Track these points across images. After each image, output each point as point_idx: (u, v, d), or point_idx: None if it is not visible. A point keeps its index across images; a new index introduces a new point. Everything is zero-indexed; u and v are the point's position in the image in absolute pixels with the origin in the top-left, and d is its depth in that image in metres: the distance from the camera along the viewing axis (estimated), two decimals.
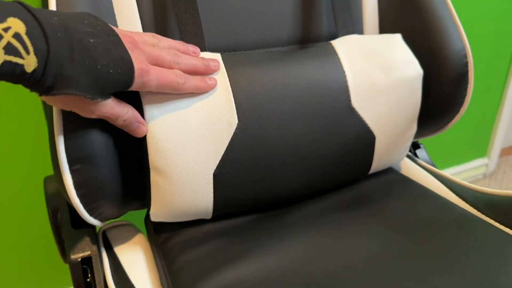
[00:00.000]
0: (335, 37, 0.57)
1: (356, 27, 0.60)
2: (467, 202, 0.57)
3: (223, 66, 0.49)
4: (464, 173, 1.43)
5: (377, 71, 0.53)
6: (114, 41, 0.38)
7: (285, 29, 0.57)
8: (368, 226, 0.52)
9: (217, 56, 0.50)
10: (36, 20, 0.33)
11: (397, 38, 0.57)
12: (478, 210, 0.55)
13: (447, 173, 1.12)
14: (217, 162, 0.48)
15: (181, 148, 0.46)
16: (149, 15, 0.51)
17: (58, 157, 0.42)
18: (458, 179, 0.61)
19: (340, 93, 0.52)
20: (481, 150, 1.44)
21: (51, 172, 0.73)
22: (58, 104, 0.40)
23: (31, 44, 0.32)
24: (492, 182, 1.47)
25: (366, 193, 0.58)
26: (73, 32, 0.35)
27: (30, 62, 0.33)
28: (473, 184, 0.56)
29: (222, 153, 0.48)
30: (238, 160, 0.49)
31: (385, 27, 0.61)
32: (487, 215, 0.54)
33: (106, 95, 0.39)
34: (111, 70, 0.38)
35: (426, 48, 0.58)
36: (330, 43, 0.55)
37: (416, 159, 0.67)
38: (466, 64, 0.57)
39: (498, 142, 1.42)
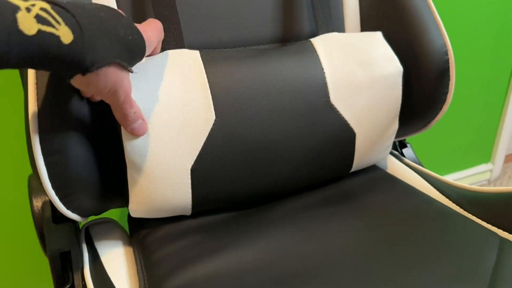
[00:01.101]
0: (315, 35, 0.57)
1: (336, 26, 0.61)
2: (450, 199, 0.56)
3: (201, 63, 0.49)
4: (469, 178, 1.41)
5: (356, 68, 0.54)
6: (116, 13, 0.40)
7: (266, 27, 0.57)
8: (347, 221, 0.52)
9: (196, 53, 0.50)
10: (54, 3, 0.34)
11: (378, 36, 0.57)
12: (461, 207, 0.55)
13: (451, 178, 1.11)
14: (195, 158, 0.48)
15: (158, 143, 0.46)
16: (128, 12, 0.52)
17: (33, 149, 0.43)
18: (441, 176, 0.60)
19: (319, 90, 0.52)
20: (485, 156, 1.42)
21: None
22: (100, 82, 0.38)
23: (59, 17, 0.33)
24: None
25: (348, 189, 0.58)
26: (86, 8, 0.36)
27: (64, 33, 0.33)
28: None
29: (200, 148, 0.48)
30: (216, 155, 0.49)
31: (366, 25, 0.62)
32: (469, 211, 0.54)
33: (132, 66, 0.41)
34: (130, 37, 0.39)
35: (406, 45, 0.58)
36: (310, 41, 0.55)
37: (402, 157, 0.67)
38: (447, 61, 0.57)
39: (502, 148, 1.41)
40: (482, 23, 1.15)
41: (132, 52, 0.40)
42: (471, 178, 1.42)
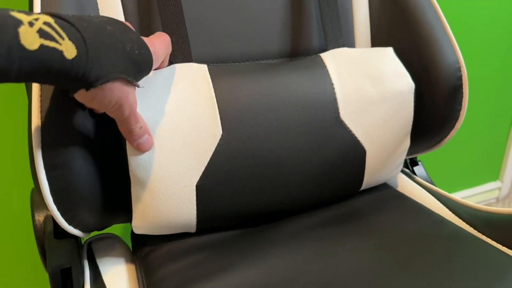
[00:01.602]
0: (325, 50, 0.56)
1: (346, 41, 0.60)
2: (463, 220, 0.55)
3: (209, 77, 0.48)
4: (477, 196, 1.39)
5: (367, 84, 0.53)
6: (123, 26, 0.39)
7: (274, 42, 0.56)
8: (356, 241, 0.50)
9: (203, 67, 0.49)
10: (58, 17, 0.33)
11: (389, 51, 0.56)
12: (475, 228, 0.53)
13: (459, 196, 1.07)
14: (200, 173, 0.47)
15: (163, 158, 0.45)
16: (135, 25, 0.51)
17: (35, 163, 0.42)
18: (455, 197, 0.58)
19: (328, 105, 0.51)
20: (494, 173, 1.40)
21: None
22: (105, 97, 0.37)
23: (63, 31, 0.32)
24: (505, 207, 1.42)
25: (358, 208, 0.56)
26: (92, 22, 0.35)
27: (68, 48, 0.32)
28: None
29: (206, 164, 0.47)
30: (222, 171, 0.48)
31: (377, 41, 0.61)
32: (483, 233, 0.52)
33: (138, 80, 0.40)
34: (137, 52, 0.38)
35: (418, 61, 0.57)
36: (319, 56, 0.54)
37: (414, 176, 0.66)
38: (460, 78, 0.56)
39: (510, 165, 1.39)
40: (490, 41, 1.14)
41: (138, 66, 0.39)
42: (480, 196, 1.39)
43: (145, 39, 0.41)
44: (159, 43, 0.44)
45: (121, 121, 0.41)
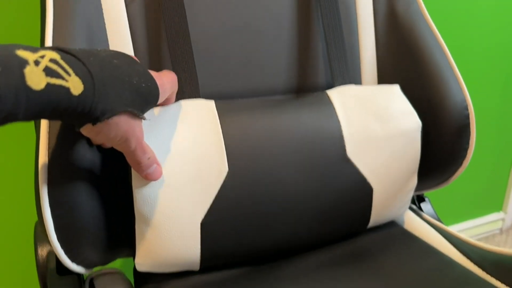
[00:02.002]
0: (331, 86, 0.57)
1: (353, 77, 0.60)
2: (471, 261, 0.54)
3: (216, 113, 0.48)
4: (480, 227, 1.37)
5: (373, 121, 0.53)
6: (130, 59, 0.39)
7: (281, 78, 0.57)
8: (363, 281, 0.49)
9: (211, 103, 0.50)
10: (64, 52, 0.33)
11: (395, 89, 0.56)
12: (483, 270, 0.52)
13: (462, 227, 1.06)
14: (205, 211, 0.46)
15: (169, 194, 0.45)
16: (144, 61, 0.51)
17: (41, 200, 0.41)
18: (465, 235, 0.58)
19: (335, 143, 0.51)
20: (497, 204, 1.39)
21: None
22: (111, 131, 0.37)
23: (69, 67, 0.32)
24: (509, 238, 1.41)
25: (364, 247, 0.56)
26: (99, 56, 0.35)
27: (74, 85, 0.32)
28: (489, 239, 0.53)
29: (211, 201, 0.47)
30: (227, 208, 0.47)
31: (383, 78, 0.61)
32: (492, 275, 0.51)
33: (144, 112, 0.40)
34: (143, 84, 0.38)
35: (425, 99, 0.57)
36: (326, 93, 0.54)
37: (421, 212, 0.65)
38: (467, 116, 0.56)
39: None
40: (491, 71, 1.15)
41: (145, 99, 0.39)
42: (483, 227, 1.38)
43: (151, 72, 0.41)
44: (165, 77, 0.44)
45: (128, 154, 0.41)
